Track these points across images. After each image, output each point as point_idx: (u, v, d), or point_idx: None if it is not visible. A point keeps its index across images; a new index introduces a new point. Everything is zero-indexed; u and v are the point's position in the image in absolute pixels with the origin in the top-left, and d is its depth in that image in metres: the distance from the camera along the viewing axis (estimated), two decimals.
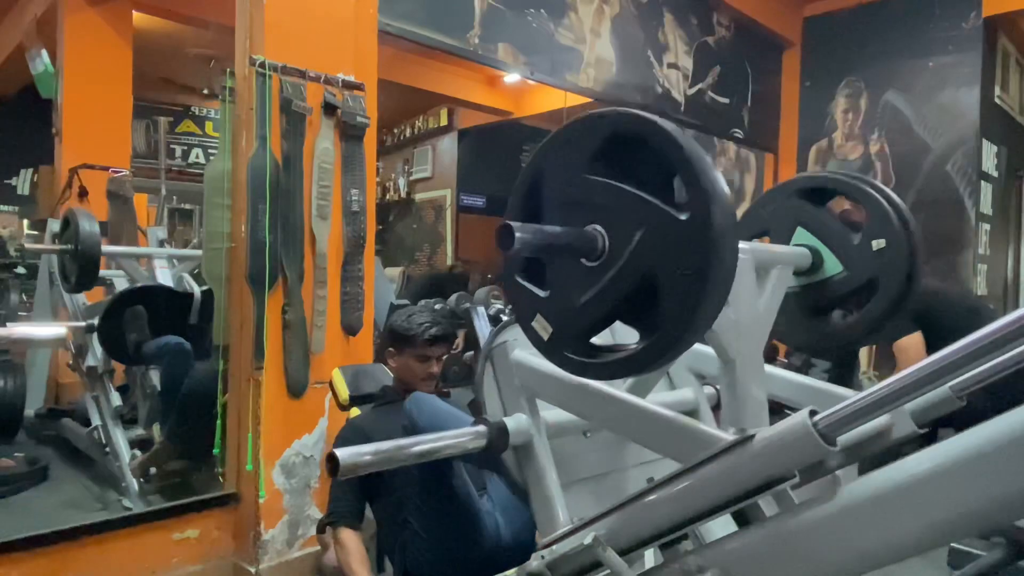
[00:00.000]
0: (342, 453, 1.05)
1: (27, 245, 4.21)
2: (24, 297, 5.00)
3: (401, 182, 8.29)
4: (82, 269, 3.15)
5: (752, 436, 0.82)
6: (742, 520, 0.90)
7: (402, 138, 8.27)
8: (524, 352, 1.27)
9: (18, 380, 4.18)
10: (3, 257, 5.29)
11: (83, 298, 3.68)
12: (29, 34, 4.89)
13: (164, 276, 3.66)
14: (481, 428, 1.22)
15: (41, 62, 4.66)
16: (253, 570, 2.59)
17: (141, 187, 5.03)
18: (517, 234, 0.85)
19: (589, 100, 4.73)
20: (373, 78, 2.97)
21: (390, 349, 2.17)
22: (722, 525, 0.96)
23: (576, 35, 4.11)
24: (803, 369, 3.17)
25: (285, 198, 2.63)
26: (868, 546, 0.76)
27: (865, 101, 5.46)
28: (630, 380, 1.28)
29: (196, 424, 2.97)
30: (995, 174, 5.33)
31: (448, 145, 7.81)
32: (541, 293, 0.99)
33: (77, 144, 4.52)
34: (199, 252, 4.01)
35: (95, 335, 3.40)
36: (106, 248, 3.43)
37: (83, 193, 4.42)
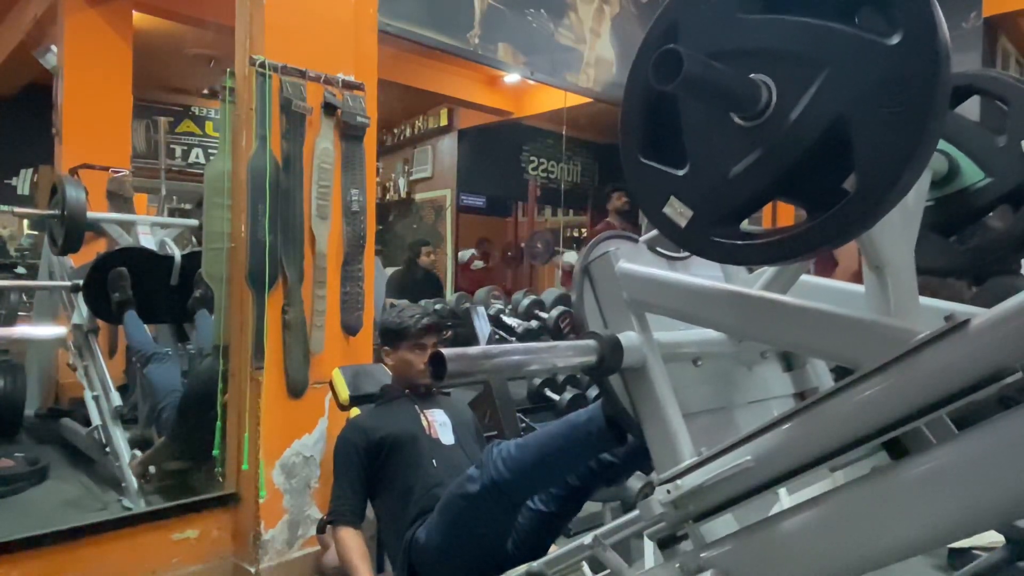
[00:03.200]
0: (448, 353, 0.90)
1: (16, 210, 4.33)
2: (24, 297, 5.00)
3: (401, 182, 8.29)
4: (68, 232, 3.45)
5: (967, 320, 0.68)
6: (900, 451, 0.76)
7: (402, 138, 8.27)
8: (629, 263, 1.12)
9: (18, 380, 4.18)
10: (3, 257, 5.29)
11: (69, 260, 3.89)
12: (33, 34, 4.90)
13: (147, 241, 3.79)
14: (591, 342, 1.03)
15: (53, 56, 4.68)
16: (253, 570, 2.59)
17: (141, 187, 5.04)
18: (686, 62, 0.70)
19: (589, 100, 4.73)
20: (373, 78, 2.97)
21: (385, 348, 2.18)
22: (724, 525, 0.95)
23: (576, 35, 4.11)
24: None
25: (285, 198, 2.63)
26: (864, 545, 0.75)
27: None
28: (760, 284, 1.14)
29: (196, 424, 2.97)
30: None
31: (448, 145, 7.81)
32: (676, 172, 0.84)
33: (77, 144, 4.52)
34: (182, 221, 4.15)
35: (80, 295, 3.54)
36: (91, 214, 3.60)
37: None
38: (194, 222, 3.97)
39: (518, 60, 3.79)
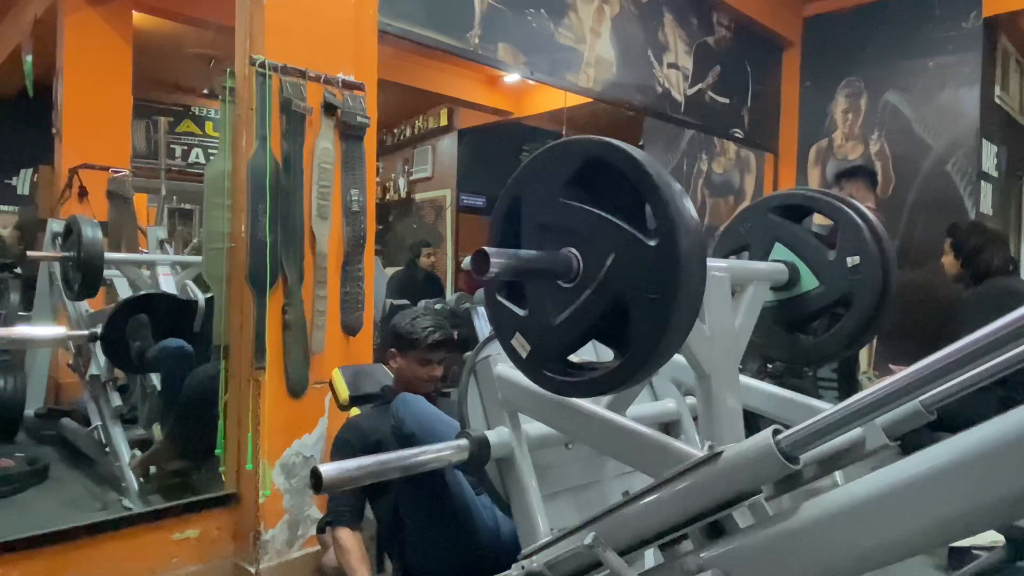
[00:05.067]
0: (326, 469, 1.08)
1: (29, 254, 4.19)
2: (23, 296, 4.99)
3: (401, 182, 8.30)
4: (85, 277, 3.15)
5: (719, 453, 0.84)
6: (716, 532, 0.91)
7: (402, 138, 8.27)
8: (506, 367, 1.28)
9: (18, 380, 4.18)
10: (3, 257, 5.29)
11: (85, 304, 3.66)
12: (25, 34, 4.90)
13: (167, 283, 3.61)
14: (463, 442, 1.24)
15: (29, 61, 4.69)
16: (253, 570, 2.59)
17: (141, 187, 5.03)
18: (492, 259, 0.88)
19: (589, 100, 4.73)
20: (373, 78, 2.97)
21: (392, 350, 2.17)
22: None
23: (576, 35, 4.10)
24: (784, 376, 3.17)
25: (285, 198, 2.63)
26: (864, 545, 0.76)
27: (865, 101, 5.45)
28: (609, 395, 1.29)
29: (197, 424, 2.96)
30: (995, 174, 5.33)
31: (448, 145, 7.81)
32: (520, 312, 1.02)
33: (77, 144, 4.52)
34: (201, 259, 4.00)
35: (98, 344, 3.38)
36: (109, 255, 3.43)
37: (83, 193, 4.43)
38: None
39: (518, 60, 3.79)
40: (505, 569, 1.10)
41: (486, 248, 0.88)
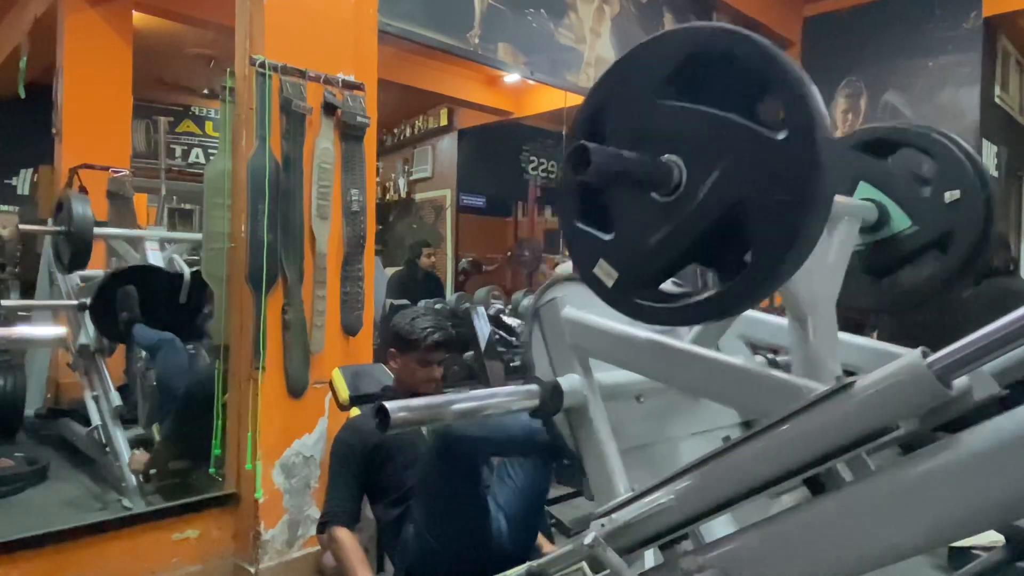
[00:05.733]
0: (391, 405, 0.97)
1: (21, 227, 4.33)
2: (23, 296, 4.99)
3: (401, 182, 8.30)
4: (75, 250, 3.33)
5: (852, 382, 0.74)
6: (817, 487, 0.81)
7: (402, 138, 8.27)
8: (575, 309, 1.18)
9: (18, 380, 4.18)
10: (3, 257, 5.29)
11: (76, 278, 3.81)
12: (25, 34, 4.91)
13: (155, 257, 3.73)
14: (533, 387, 1.12)
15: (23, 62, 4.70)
16: (253, 570, 2.59)
17: (141, 187, 5.02)
18: (593, 155, 0.77)
19: None
20: (373, 78, 2.97)
21: (392, 350, 2.16)
22: (723, 524, 0.95)
23: (576, 35, 4.10)
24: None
25: (285, 198, 2.63)
26: (864, 546, 0.75)
27: (865, 101, 5.45)
28: (692, 334, 1.21)
29: (196, 424, 2.97)
30: (995, 174, 5.33)
31: (448, 145, 7.81)
32: (605, 236, 0.92)
33: (77, 144, 4.52)
34: (190, 235, 4.09)
35: (87, 313, 3.49)
36: (98, 230, 3.55)
37: (83, 193, 4.42)
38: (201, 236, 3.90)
39: (518, 60, 3.79)
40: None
41: (586, 143, 0.78)
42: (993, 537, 1.07)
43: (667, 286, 0.90)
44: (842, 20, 5.56)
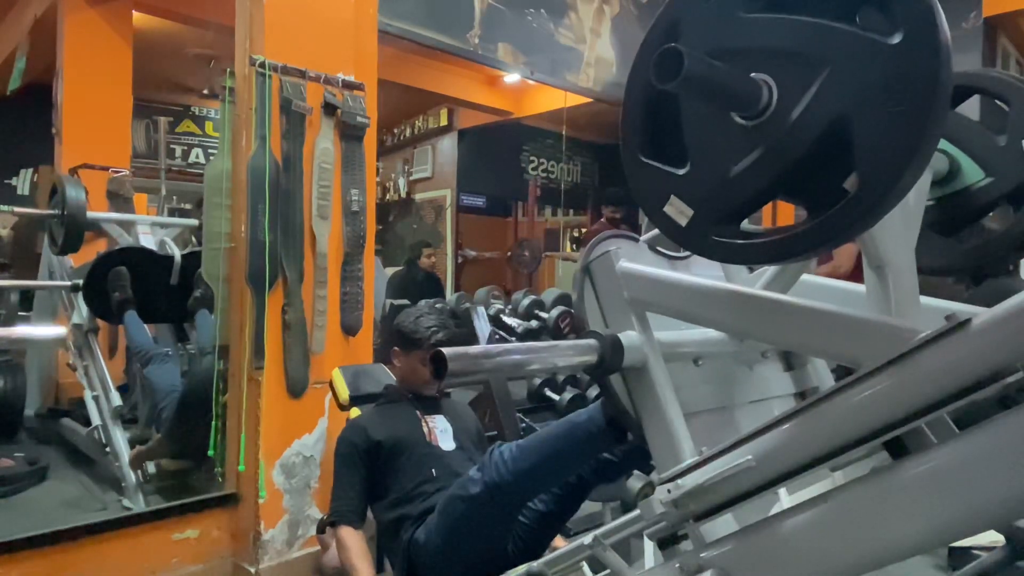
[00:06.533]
0: (449, 352, 0.90)
1: (16, 210, 4.37)
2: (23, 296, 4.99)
3: (401, 182, 8.30)
4: (68, 232, 3.45)
5: (969, 319, 0.67)
6: (900, 450, 0.75)
7: (402, 138, 8.27)
8: (630, 262, 1.11)
9: (18, 380, 4.18)
10: (3, 257, 5.30)
11: (69, 260, 3.89)
12: (24, 33, 4.91)
13: (147, 240, 3.80)
14: (592, 341, 1.02)
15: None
16: (253, 570, 2.59)
17: (141, 187, 5.03)
18: (687, 60, 0.69)
19: (589, 100, 4.73)
20: (373, 78, 2.97)
21: (395, 349, 2.16)
22: (724, 525, 0.95)
23: (576, 35, 4.11)
24: None
25: (285, 198, 2.63)
26: (864, 546, 0.75)
27: None
28: (762, 282, 1.14)
29: (195, 424, 2.97)
30: None
31: (448, 145, 7.82)
32: (677, 171, 0.84)
33: (77, 144, 4.52)
34: (182, 220, 4.14)
35: (80, 294, 3.54)
36: (91, 213, 3.61)
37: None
38: (194, 222, 3.98)
39: (518, 60, 3.79)
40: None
41: (676, 45, 0.71)
42: (993, 537, 1.07)
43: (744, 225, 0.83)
44: None
